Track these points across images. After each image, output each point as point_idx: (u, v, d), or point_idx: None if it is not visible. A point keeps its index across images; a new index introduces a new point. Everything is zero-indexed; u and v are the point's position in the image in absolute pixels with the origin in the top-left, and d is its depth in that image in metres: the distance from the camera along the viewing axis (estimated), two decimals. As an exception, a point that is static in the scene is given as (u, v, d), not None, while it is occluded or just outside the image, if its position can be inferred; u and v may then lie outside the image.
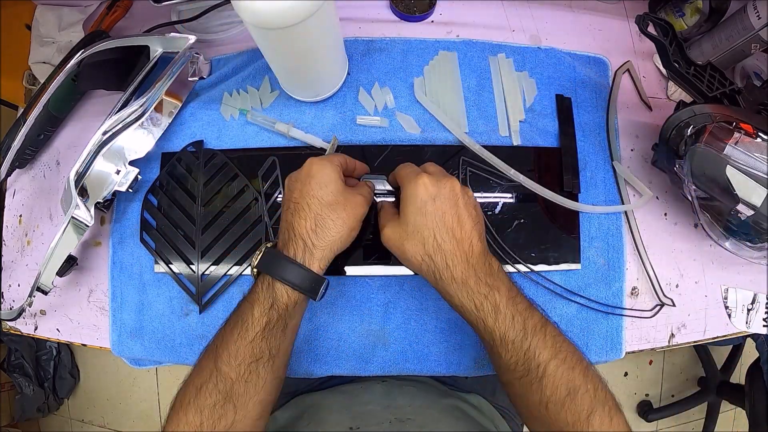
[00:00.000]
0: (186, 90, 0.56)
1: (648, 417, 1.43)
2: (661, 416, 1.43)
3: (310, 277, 0.38)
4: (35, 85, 0.66)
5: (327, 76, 0.51)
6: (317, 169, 0.40)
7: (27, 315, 0.57)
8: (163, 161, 0.55)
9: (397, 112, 0.54)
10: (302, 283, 0.37)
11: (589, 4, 0.61)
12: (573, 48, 0.58)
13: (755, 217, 0.43)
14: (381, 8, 0.59)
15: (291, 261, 0.38)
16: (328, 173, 0.40)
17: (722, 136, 0.44)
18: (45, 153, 0.61)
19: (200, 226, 0.52)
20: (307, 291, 0.38)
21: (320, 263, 0.39)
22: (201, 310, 0.52)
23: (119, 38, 0.53)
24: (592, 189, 0.53)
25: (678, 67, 0.47)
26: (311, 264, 0.38)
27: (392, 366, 0.51)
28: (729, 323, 0.54)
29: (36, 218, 0.59)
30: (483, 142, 0.52)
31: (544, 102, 0.55)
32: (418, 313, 0.51)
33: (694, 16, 0.56)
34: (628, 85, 0.58)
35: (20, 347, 1.52)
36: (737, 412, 1.51)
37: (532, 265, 0.51)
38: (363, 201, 0.41)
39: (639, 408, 1.48)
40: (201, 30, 0.59)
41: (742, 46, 0.52)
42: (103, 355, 1.56)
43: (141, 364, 0.57)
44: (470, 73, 0.55)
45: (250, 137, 0.54)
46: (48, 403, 1.56)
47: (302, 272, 0.38)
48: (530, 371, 0.36)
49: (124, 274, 0.54)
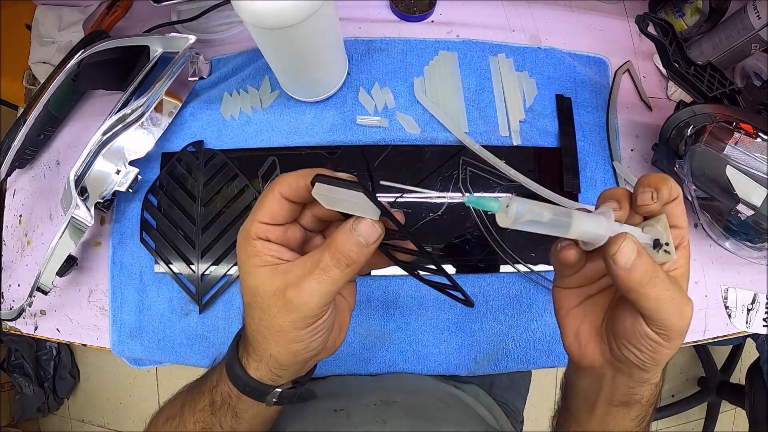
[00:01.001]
0: (186, 90, 0.56)
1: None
2: (661, 416, 1.43)
3: (245, 381, 0.29)
4: (35, 85, 0.66)
5: (327, 76, 0.51)
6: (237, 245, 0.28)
7: (27, 315, 0.57)
8: (163, 161, 0.55)
9: (397, 112, 0.54)
10: (236, 382, 0.29)
11: (589, 4, 0.61)
12: (573, 48, 0.58)
13: (755, 217, 0.43)
14: (381, 8, 0.59)
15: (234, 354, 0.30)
16: (242, 260, 0.27)
17: (722, 136, 0.44)
18: (45, 153, 0.61)
19: (200, 226, 0.52)
20: (245, 393, 0.29)
21: (259, 373, 0.29)
22: (201, 310, 0.52)
23: (119, 38, 0.53)
24: (592, 189, 0.53)
25: (678, 67, 0.47)
26: (248, 367, 0.29)
27: (392, 366, 0.51)
28: (729, 323, 0.54)
29: (36, 218, 0.59)
30: (483, 142, 0.52)
31: (544, 102, 0.55)
32: (418, 313, 0.51)
33: (694, 16, 0.56)
34: (628, 85, 0.58)
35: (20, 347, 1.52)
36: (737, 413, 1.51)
37: (532, 265, 0.51)
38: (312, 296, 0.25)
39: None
40: (201, 30, 0.59)
41: (742, 46, 0.52)
42: (103, 355, 1.56)
43: (141, 364, 0.57)
44: (470, 73, 0.55)
45: (250, 137, 0.54)
46: (48, 403, 1.56)
47: (239, 372, 0.29)
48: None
49: (124, 274, 0.54)
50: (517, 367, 0.51)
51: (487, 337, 0.51)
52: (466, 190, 0.52)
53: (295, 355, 0.27)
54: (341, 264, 0.25)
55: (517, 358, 0.51)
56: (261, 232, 0.26)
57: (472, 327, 0.51)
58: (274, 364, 0.28)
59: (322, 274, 0.25)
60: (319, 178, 0.24)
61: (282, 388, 0.30)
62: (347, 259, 0.25)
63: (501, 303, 0.51)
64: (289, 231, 0.28)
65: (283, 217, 0.27)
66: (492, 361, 0.51)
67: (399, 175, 0.52)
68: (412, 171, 0.52)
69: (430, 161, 0.52)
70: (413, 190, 0.26)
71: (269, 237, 0.27)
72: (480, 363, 0.51)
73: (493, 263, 0.51)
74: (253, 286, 0.26)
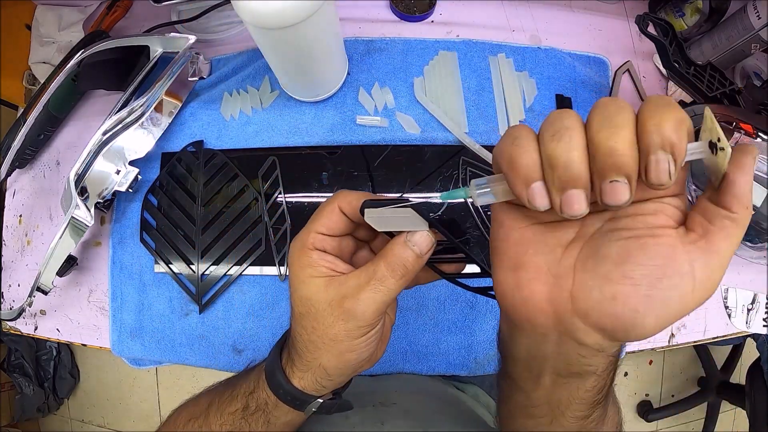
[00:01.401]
0: (186, 90, 0.56)
1: (648, 417, 1.43)
2: (661, 416, 1.43)
3: (288, 389, 0.29)
4: (35, 85, 0.66)
5: (327, 76, 0.51)
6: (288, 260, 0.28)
7: (27, 315, 0.57)
8: (163, 161, 0.55)
9: (397, 112, 0.54)
10: (277, 391, 0.30)
11: (589, 4, 0.61)
12: (573, 48, 0.58)
13: (755, 217, 0.43)
14: (381, 8, 0.59)
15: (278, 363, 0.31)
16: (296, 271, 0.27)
17: (722, 136, 0.44)
18: (45, 153, 0.61)
19: (200, 226, 0.52)
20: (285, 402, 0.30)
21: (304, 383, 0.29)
22: (201, 310, 0.52)
23: (119, 38, 0.53)
24: (592, 189, 0.53)
25: (678, 67, 0.47)
26: (292, 378, 0.29)
27: (392, 366, 0.51)
28: (729, 323, 0.54)
29: (36, 218, 0.59)
30: (483, 142, 0.52)
31: (544, 102, 0.55)
32: (417, 313, 0.51)
33: (694, 16, 0.56)
34: (628, 85, 0.58)
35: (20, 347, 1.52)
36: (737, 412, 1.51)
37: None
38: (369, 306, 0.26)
39: (639, 408, 1.48)
40: (201, 30, 0.59)
41: (742, 46, 0.52)
42: (103, 355, 1.56)
43: (141, 364, 0.57)
44: (470, 73, 0.55)
45: (250, 137, 0.54)
46: (48, 403, 1.56)
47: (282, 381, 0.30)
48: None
49: (124, 274, 0.54)
50: (517, 367, 0.51)
51: (487, 337, 0.51)
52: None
53: (346, 365, 0.28)
54: (396, 274, 0.25)
55: (517, 358, 0.51)
56: (318, 243, 0.27)
57: (472, 327, 0.51)
58: (322, 374, 0.28)
59: (379, 284, 0.25)
60: (367, 203, 0.25)
61: (323, 399, 0.30)
62: (402, 269, 0.25)
63: (501, 303, 0.51)
64: (343, 242, 0.29)
65: (339, 229, 0.28)
66: (492, 361, 0.51)
67: (399, 175, 0.52)
68: (412, 171, 0.52)
69: (430, 161, 0.52)
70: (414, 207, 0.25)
71: (325, 248, 0.27)
72: (480, 363, 0.51)
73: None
74: (307, 296, 0.27)
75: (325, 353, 0.27)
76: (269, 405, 0.31)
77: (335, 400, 0.31)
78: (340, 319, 0.26)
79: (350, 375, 0.30)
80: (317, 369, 0.28)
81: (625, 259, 0.20)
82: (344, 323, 0.26)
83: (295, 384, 0.29)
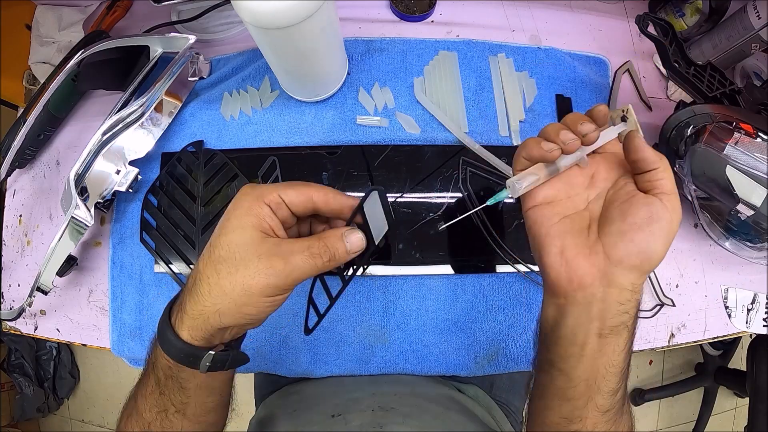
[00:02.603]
0: (186, 90, 0.56)
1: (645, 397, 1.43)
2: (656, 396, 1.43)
3: (178, 346, 0.30)
4: (35, 85, 0.66)
5: (327, 76, 0.51)
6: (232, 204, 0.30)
7: (27, 315, 0.57)
8: (163, 161, 0.55)
9: (397, 112, 0.54)
10: (169, 350, 0.30)
11: (589, 4, 0.61)
12: (573, 48, 0.58)
13: (755, 217, 0.43)
14: (381, 8, 0.59)
15: (166, 321, 0.31)
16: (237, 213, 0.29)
17: (722, 136, 0.44)
18: (45, 153, 0.61)
19: (200, 226, 0.52)
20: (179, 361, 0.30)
21: (192, 332, 0.29)
22: (201, 310, 0.52)
23: (119, 38, 0.53)
24: (592, 189, 0.53)
25: (678, 67, 0.47)
26: (180, 329, 0.30)
27: (392, 366, 0.51)
28: (729, 323, 0.54)
29: (36, 218, 0.59)
30: (483, 142, 0.52)
31: (544, 102, 0.55)
32: (418, 313, 0.51)
33: (694, 16, 0.56)
34: (628, 85, 0.58)
35: (20, 347, 1.52)
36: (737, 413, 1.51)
37: (532, 265, 0.51)
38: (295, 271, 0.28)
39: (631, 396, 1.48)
40: (201, 30, 0.59)
41: (742, 46, 0.52)
42: (103, 355, 1.56)
43: (141, 364, 0.57)
44: (470, 73, 0.55)
45: (250, 137, 0.54)
46: (48, 403, 1.56)
47: (171, 338, 0.30)
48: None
49: (124, 274, 0.54)
50: (517, 367, 0.51)
51: (487, 337, 0.51)
52: (466, 190, 0.52)
53: (243, 317, 0.29)
54: (326, 256, 0.29)
55: (517, 358, 0.51)
56: (274, 203, 0.29)
57: (472, 327, 0.51)
58: (215, 321, 0.29)
59: (310, 257, 0.28)
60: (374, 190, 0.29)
61: (215, 351, 0.30)
62: (332, 255, 0.29)
63: (501, 303, 0.51)
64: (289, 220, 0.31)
65: (297, 209, 0.30)
66: (492, 361, 0.51)
67: (399, 175, 0.52)
68: (412, 171, 0.52)
69: (430, 161, 0.52)
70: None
71: (276, 212, 0.29)
72: (480, 363, 0.51)
73: (493, 263, 0.51)
74: (238, 242, 0.28)
75: (228, 301, 0.28)
76: (172, 369, 0.31)
77: (229, 352, 0.32)
78: (263, 274, 0.27)
79: (237, 330, 0.31)
80: (212, 315, 0.29)
81: (626, 214, 0.30)
82: (266, 278, 0.27)
83: (183, 337, 0.30)
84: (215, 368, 0.31)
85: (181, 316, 0.30)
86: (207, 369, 0.30)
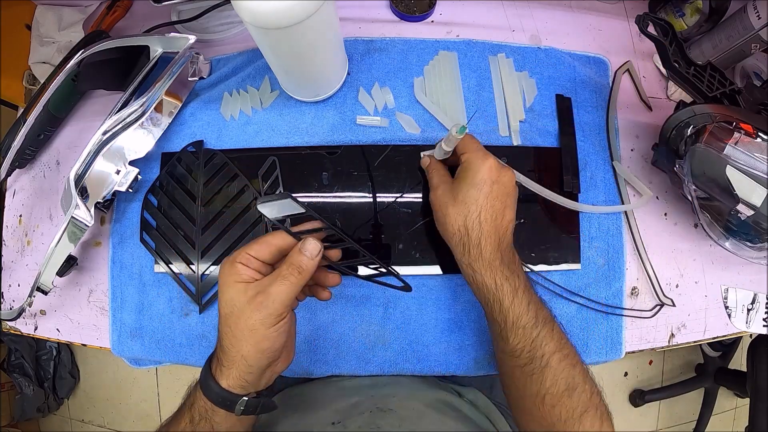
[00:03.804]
0: (186, 90, 0.56)
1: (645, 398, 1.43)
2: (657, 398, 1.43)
3: (217, 392, 0.35)
4: (35, 85, 0.66)
5: (327, 76, 0.51)
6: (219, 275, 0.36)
7: (27, 315, 0.57)
8: (163, 161, 0.55)
9: (397, 112, 0.54)
10: (210, 395, 0.36)
11: (589, 4, 0.61)
12: (573, 48, 0.58)
13: (755, 217, 0.43)
14: (381, 8, 0.59)
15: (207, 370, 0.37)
16: (223, 279, 0.35)
17: (722, 136, 0.44)
18: (45, 153, 0.61)
19: (200, 226, 0.52)
20: (218, 404, 0.35)
21: (229, 381, 0.35)
22: (201, 310, 0.52)
23: (119, 38, 0.53)
24: (592, 189, 0.53)
25: (678, 67, 0.47)
26: (220, 379, 0.35)
27: (392, 366, 0.51)
28: (729, 323, 0.54)
29: (36, 218, 0.59)
30: (483, 142, 0.51)
31: (544, 102, 0.55)
32: (418, 313, 0.51)
33: (694, 16, 0.56)
34: (628, 85, 0.58)
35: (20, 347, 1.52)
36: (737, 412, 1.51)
37: (532, 265, 0.51)
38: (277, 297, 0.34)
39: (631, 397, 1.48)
40: (201, 30, 0.59)
41: (742, 46, 0.52)
42: (103, 355, 1.56)
43: (141, 364, 0.57)
44: (470, 73, 0.55)
45: (250, 137, 0.54)
46: (48, 403, 1.56)
47: (212, 385, 0.35)
48: (534, 360, 0.38)
49: (124, 274, 0.54)
50: (517, 367, 0.51)
51: (487, 337, 0.51)
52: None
53: (263, 353, 0.35)
54: (295, 272, 0.34)
55: (517, 358, 0.51)
56: (244, 260, 0.35)
57: (472, 327, 0.51)
58: (244, 366, 0.35)
59: (283, 280, 0.34)
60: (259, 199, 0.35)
61: (248, 397, 0.36)
62: (299, 268, 0.35)
63: (501, 303, 0.51)
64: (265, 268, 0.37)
65: (264, 257, 0.36)
66: (492, 362, 0.51)
67: (399, 175, 0.52)
68: (412, 171, 0.52)
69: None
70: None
71: (250, 265, 0.36)
72: (480, 363, 0.51)
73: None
74: (230, 297, 0.34)
75: (245, 344, 0.34)
76: (208, 412, 0.36)
77: (259, 398, 0.37)
78: (255, 311, 0.34)
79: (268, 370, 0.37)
80: (240, 361, 0.35)
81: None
82: (258, 313, 0.33)
83: (222, 385, 0.35)
84: (248, 412, 0.36)
85: (219, 368, 0.36)
86: (241, 413, 0.36)
